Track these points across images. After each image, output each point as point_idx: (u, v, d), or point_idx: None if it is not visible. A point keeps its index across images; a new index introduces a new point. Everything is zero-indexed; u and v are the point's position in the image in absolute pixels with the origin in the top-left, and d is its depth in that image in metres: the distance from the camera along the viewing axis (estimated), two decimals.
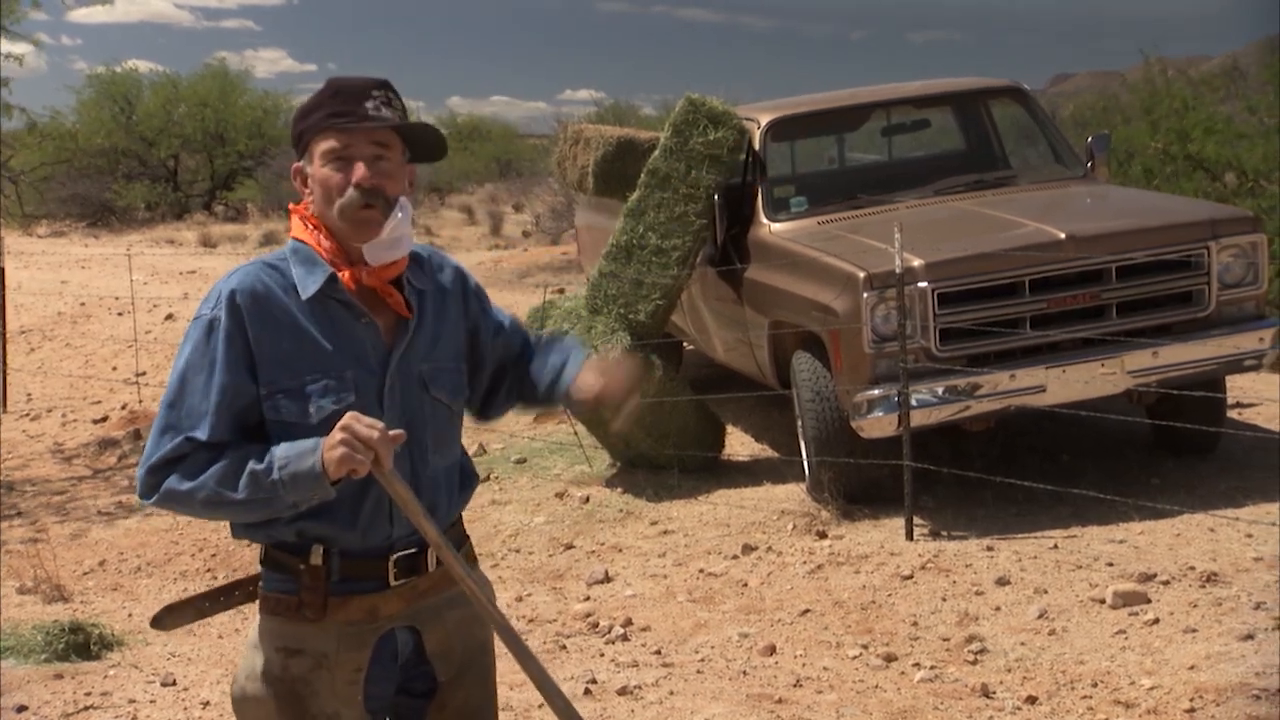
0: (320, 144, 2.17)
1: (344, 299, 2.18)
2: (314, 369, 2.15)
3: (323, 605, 2.18)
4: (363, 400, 2.16)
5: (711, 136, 6.82)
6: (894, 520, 5.81)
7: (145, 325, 12.39)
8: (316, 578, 2.19)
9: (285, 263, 2.20)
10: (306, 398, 2.14)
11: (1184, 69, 12.83)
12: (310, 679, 2.20)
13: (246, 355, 2.13)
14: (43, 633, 5.17)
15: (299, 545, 2.20)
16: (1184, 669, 4.15)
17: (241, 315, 2.13)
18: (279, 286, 2.16)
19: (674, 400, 6.86)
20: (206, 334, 2.14)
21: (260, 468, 2.06)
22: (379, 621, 2.22)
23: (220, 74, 33.53)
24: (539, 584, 5.84)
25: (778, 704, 4.26)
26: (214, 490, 2.08)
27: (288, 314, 2.15)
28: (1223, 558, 5.05)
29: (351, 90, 2.17)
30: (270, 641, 2.23)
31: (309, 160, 2.20)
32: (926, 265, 5.68)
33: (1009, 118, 8.14)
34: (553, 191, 21.15)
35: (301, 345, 2.15)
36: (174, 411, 2.13)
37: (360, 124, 2.14)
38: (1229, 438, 6.32)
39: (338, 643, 2.20)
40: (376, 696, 2.26)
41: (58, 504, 8.39)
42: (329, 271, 2.18)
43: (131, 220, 29.74)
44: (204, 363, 2.13)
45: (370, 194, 2.14)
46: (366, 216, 2.15)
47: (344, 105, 2.15)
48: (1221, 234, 5.90)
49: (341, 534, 2.19)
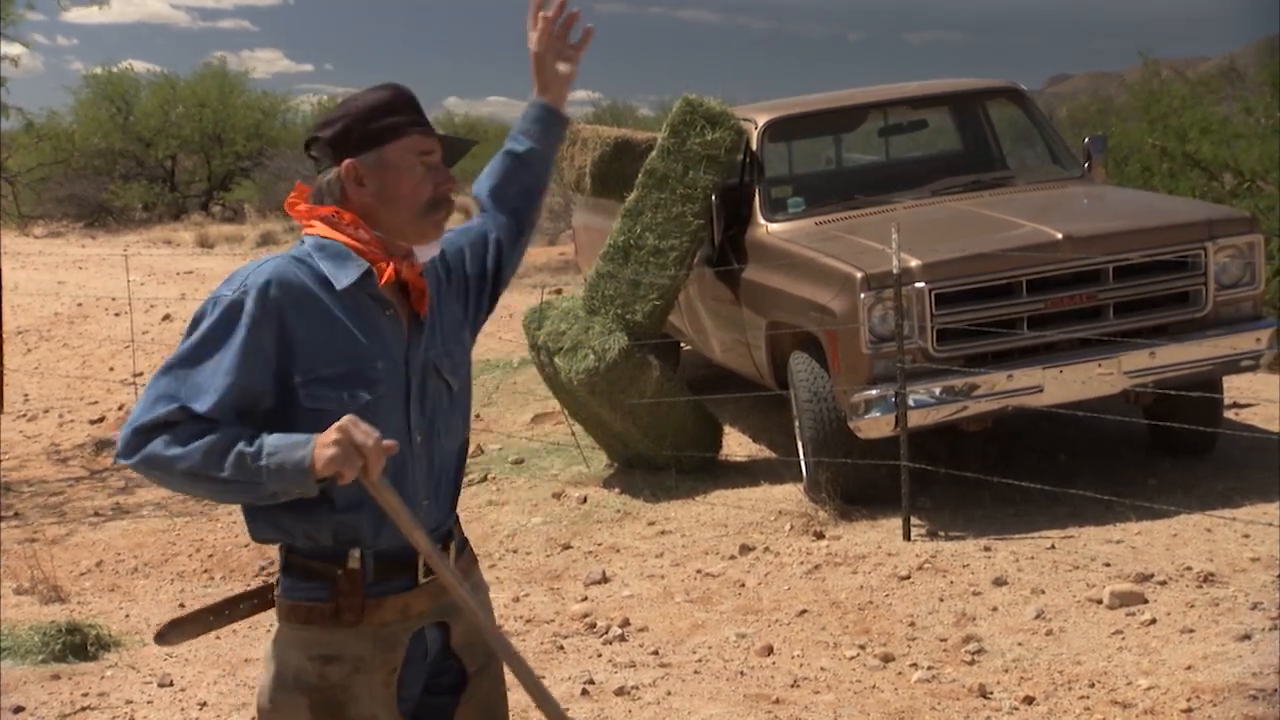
0: (406, 144, 2.22)
1: (374, 293, 2.21)
2: (349, 359, 2.17)
3: (361, 608, 2.18)
4: (392, 391, 2.21)
5: (709, 137, 6.82)
6: (891, 520, 5.81)
7: (142, 326, 12.39)
8: (355, 581, 2.18)
9: (310, 258, 2.21)
10: (342, 386, 2.16)
11: (1181, 70, 12.85)
12: (350, 684, 2.19)
13: (270, 347, 2.12)
14: (40, 633, 5.16)
15: (335, 550, 2.19)
16: (1181, 669, 4.15)
17: (275, 306, 2.12)
18: (310, 278, 2.18)
19: (671, 401, 6.86)
20: (227, 314, 2.12)
21: (249, 450, 2.05)
22: (411, 620, 2.23)
23: (218, 74, 33.54)
24: (536, 584, 5.84)
25: (775, 704, 4.26)
26: (198, 463, 2.05)
27: (322, 304, 2.17)
28: (1220, 558, 5.05)
29: (413, 99, 2.27)
30: (303, 650, 2.21)
31: (375, 160, 2.22)
32: (924, 266, 5.68)
33: (1006, 118, 8.14)
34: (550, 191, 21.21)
35: (335, 335, 2.17)
36: (175, 380, 2.10)
37: (440, 134, 2.26)
38: (1226, 438, 6.32)
39: (373, 645, 2.20)
40: (407, 698, 2.26)
41: (54, 505, 8.39)
42: (365, 266, 2.20)
43: (129, 221, 29.74)
44: (220, 341, 2.11)
45: (449, 201, 2.27)
46: (439, 220, 2.27)
47: (415, 113, 2.25)
48: (1219, 234, 5.91)
49: (378, 531, 2.18)
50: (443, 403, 2.31)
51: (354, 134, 2.21)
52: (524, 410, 8.96)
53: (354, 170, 2.22)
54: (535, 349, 7.27)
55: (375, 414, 2.13)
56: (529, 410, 8.91)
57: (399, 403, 2.22)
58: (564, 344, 6.93)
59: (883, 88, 8.11)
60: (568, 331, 6.96)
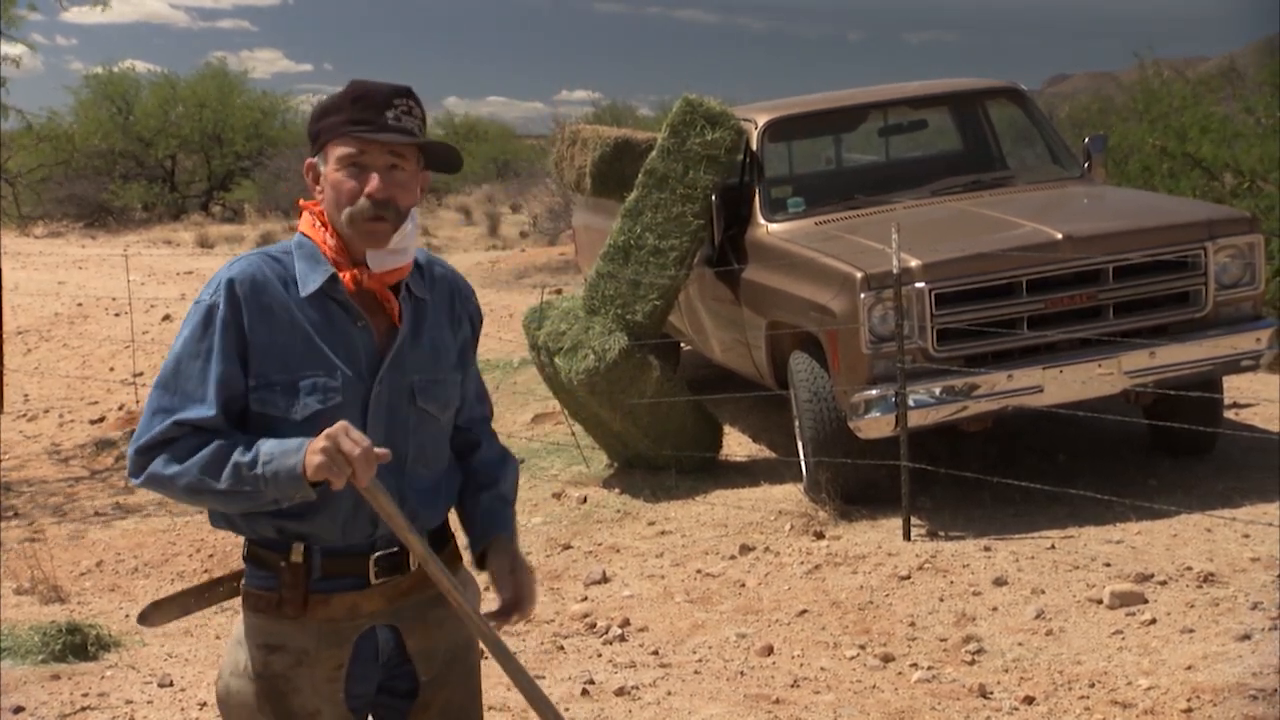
0: (337, 148, 2.15)
1: (342, 299, 2.17)
2: (305, 366, 2.14)
3: (303, 602, 2.18)
4: (348, 403, 2.15)
5: (709, 137, 6.82)
6: (891, 520, 5.81)
7: (142, 326, 12.39)
8: (297, 575, 2.18)
9: (289, 256, 2.19)
10: (294, 394, 2.13)
11: (1181, 70, 12.85)
12: (291, 675, 2.20)
13: (240, 345, 2.13)
14: (40, 633, 5.16)
15: (279, 542, 2.19)
16: (1181, 669, 4.15)
17: (239, 304, 2.13)
18: (279, 279, 2.16)
19: (671, 401, 6.87)
20: (205, 320, 2.14)
21: (245, 460, 2.06)
22: (360, 619, 2.22)
23: (218, 74, 33.54)
24: (537, 584, 5.83)
25: (775, 704, 4.26)
26: (197, 477, 2.08)
27: (285, 308, 2.14)
28: (1220, 558, 5.05)
29: (374, 97, 2.15)
30: (252, 638, 2.23)
31: (324, 160, 2.19)
32: (924, 266, 5.68)
33: (1006, 118, 8.14)
34: (550, 192, 21.16)
35: (295, 341, 2.14)
36: (167, 394, 2.13)
37: (379, 134, 2.13)
38: (1226, 438, 6.32)
39: (318, 640, 2.20)
40: (358, 695, 2.26)
41: (55, 505, 8.39)
42: (330, 270, 2.17)
43: (129, 221, 29.74)
44: (200, 348, 2.13)
45: (382, 205, 2.13)
46: (375, 228, 2.14)
47: (364, 113, 2.13)
48: (1219, 234, 5.91)
49: (321, 531, 2.18)
50: (421, 431, 2.24)
51: (310, 132, 2.21)
52: (524, 410, 8.96)
53: (310, 170, 2.21)
54: (535, 349, 7.27)
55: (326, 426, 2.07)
56: (529, 410, 8.91)
57: (356, 416, 2.14)
58: (564, 344, 6.93)
59: (883, 88, 8.11)
60: (568, 331, 6.96)
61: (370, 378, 2.18)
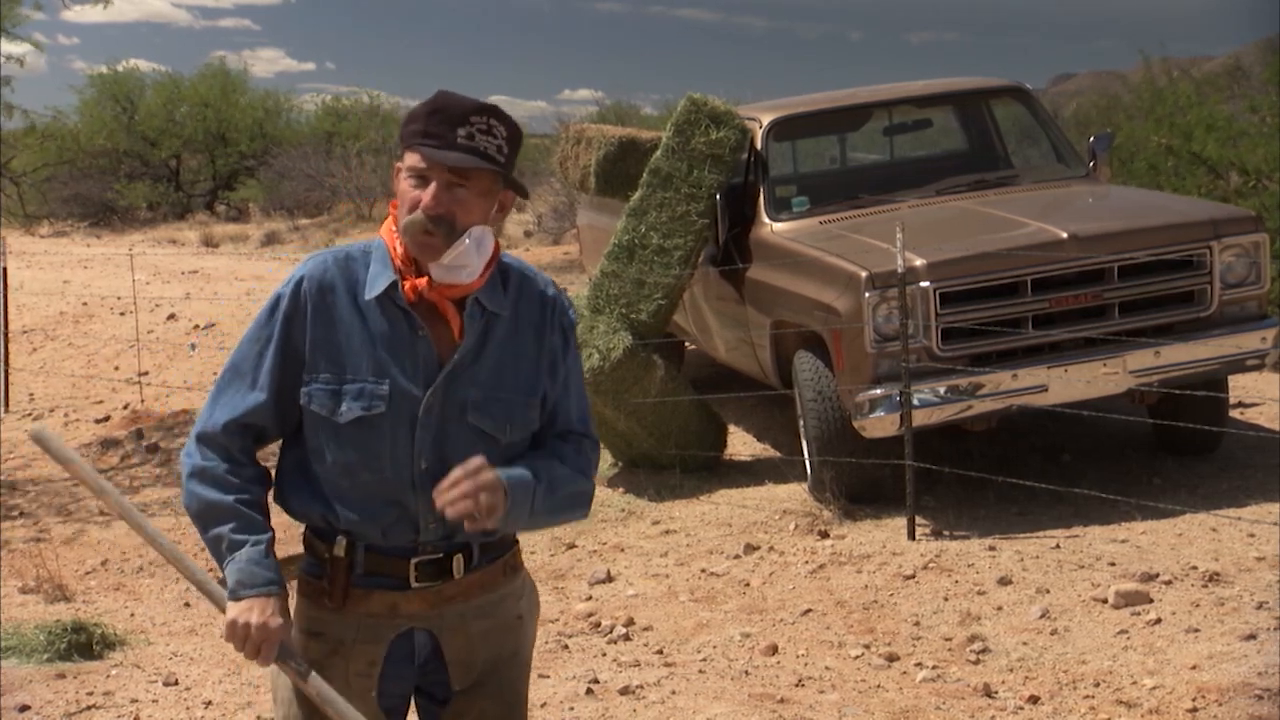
0: (408, 157, 2.18)
1: (404, 306, 2.19)
2: (355, 369, 2.18)
3: (344, 595, 2.23)
4: (394, 412, 2.17)
5: (713, 136, 6.82)
6: (896, 520, 5.81)
7: (147, 325, 12.39)
8: (338, 568, 2.23)
9: (367, 256, 2.23)
10: (340, 396, 2.18)
11: (1187, 68, 12.84)
12: (325, 664, 2.23)
13: (299, 339, 2.19)
14: (45, 632, 5.17)
15: (327, 531, 2.25)
16: (1186, 669, 4.14)
17: (304, 303, 2.19)
18: (346, 281, 2.20)
19: (676, 400, 6.87)
20: (270, 310, 2.23)
21: (225, 540, 2.19)
22: (399, 619, 2.25)
23: (222, 74, 33.51)
24: (541, 584, 5.82)
25: (780, 704, 4.26)
26: (197, 513, 2.23)
27: (347, 311, 2.19)
28: (1225, 557, 5.04)
29: (450, 112, 2.14)
30: (298, 621, 2.29)
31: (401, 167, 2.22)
32: (928, 265, 5.68)
33: (1011, 117, 8.14)
34: (554, 191, 21.13)
35: (350, 344, 2.18)
36: (227, 375, 2.24)
37: (439, 152, 2.12)
38: (1231, 438, 6.31)
39: (355, 633, 2.24)
40: (390, 694, 2.28)
41: (60, 504, 8.39)
42: (394, 277, 2.19)
43: (133, 220, 29.74)
44: (262, 334, 2.22)
45: (435, 221, 2.13)
46: (426, 241, 2.15)
47: (437, 126, 2.13)
48: (1223, 233, 5.90)
49: (365, 529, 2.22)
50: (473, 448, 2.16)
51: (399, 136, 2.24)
52: None
53: (396, 173, 2.22)
54: None
55: (371, 431, 2.16)
56: None
57: (404, 426, 2.17)
58: None
59: (887, 87, 8.11)
60: None
61: (424, 389, 2.19)
